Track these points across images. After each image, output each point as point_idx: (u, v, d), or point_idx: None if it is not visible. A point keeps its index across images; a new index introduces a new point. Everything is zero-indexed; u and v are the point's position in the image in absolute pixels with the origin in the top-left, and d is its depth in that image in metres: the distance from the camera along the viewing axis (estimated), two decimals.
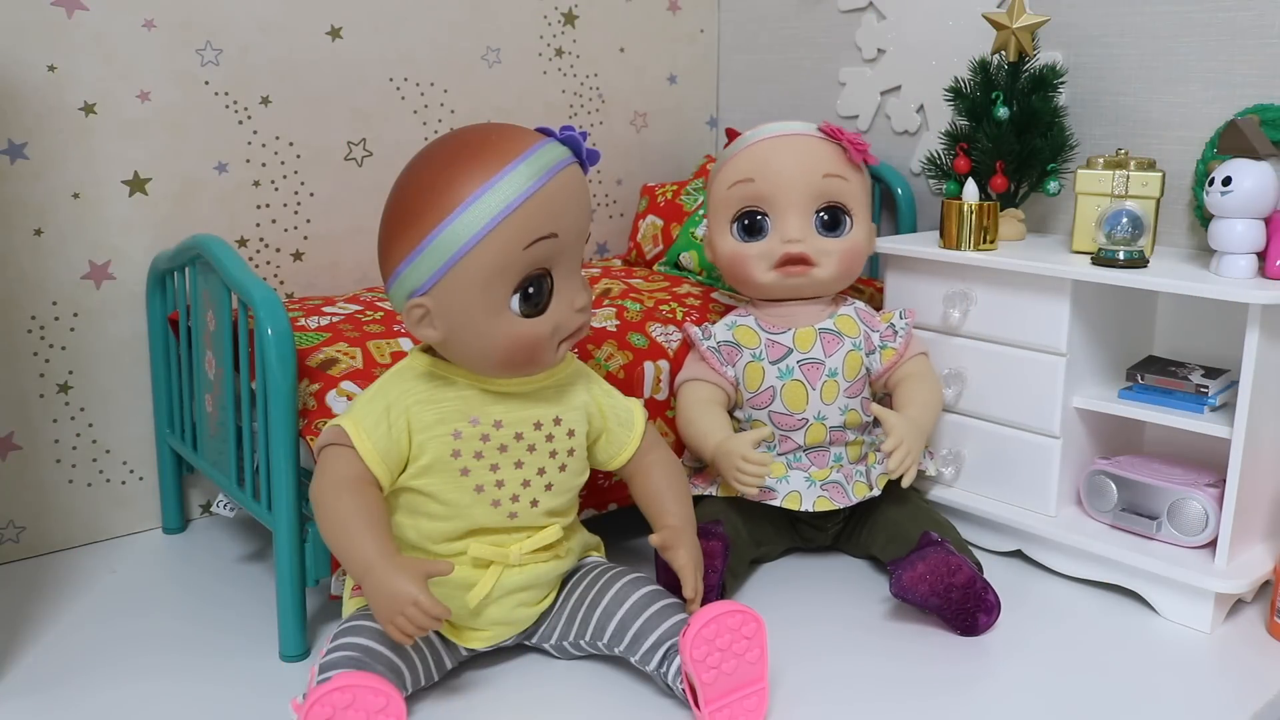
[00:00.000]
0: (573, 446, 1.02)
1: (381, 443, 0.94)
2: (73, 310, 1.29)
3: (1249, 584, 1.11)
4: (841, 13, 1.65)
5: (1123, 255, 1.16)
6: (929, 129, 1.57)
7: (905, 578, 1.08)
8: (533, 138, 0.95)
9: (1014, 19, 1.30)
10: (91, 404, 1.32)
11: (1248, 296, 1.05)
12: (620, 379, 1.22)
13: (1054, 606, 1.17)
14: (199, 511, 1.41)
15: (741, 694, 0.94)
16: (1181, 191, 1.32)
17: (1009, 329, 1.24)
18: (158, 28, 1.30)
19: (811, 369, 1.22)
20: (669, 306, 1.34)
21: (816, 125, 1.25)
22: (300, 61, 1.41)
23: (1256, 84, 1.24)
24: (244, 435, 1.13)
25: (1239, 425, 1.08)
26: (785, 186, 1.21)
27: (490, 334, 0.94)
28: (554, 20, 1.64)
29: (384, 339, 1.15)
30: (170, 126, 1.32)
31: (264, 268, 1.42)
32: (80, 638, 1.11)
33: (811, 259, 1.21)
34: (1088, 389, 1.22)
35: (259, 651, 1.07)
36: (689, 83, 1.82)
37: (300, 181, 1.43)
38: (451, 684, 1.01)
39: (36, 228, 1.26)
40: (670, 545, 1.03)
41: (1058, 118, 1.33)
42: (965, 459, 1.29)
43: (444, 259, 0.91)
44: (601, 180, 1.74)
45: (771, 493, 1.20)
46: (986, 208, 1.26)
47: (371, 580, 0.88)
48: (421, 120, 1.52)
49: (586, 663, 1.05)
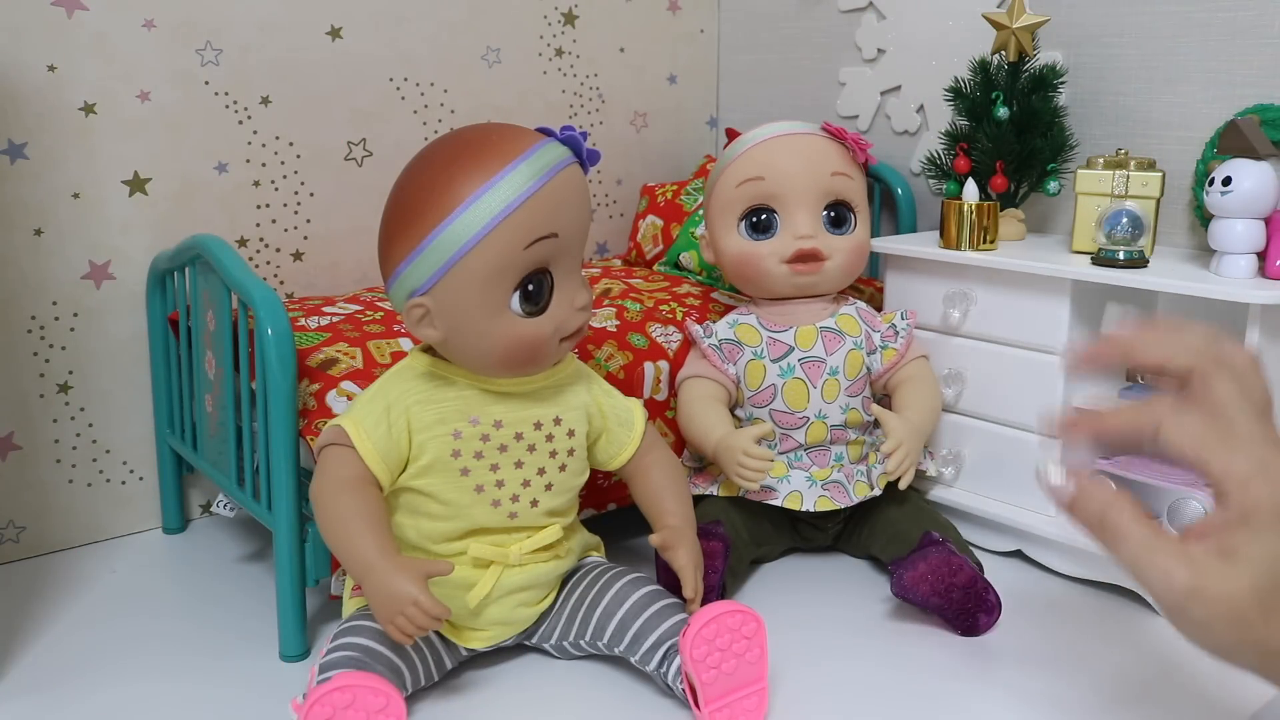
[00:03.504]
0: (573, 446, 1.03)
1: (381, 443, 0.94)
2: (73, 310, 1.29)
3: None
4: (841, 13, 1.65)
5: (1123, 255, 1.16)
6: (929, 129, 1.57)
7: (906, 577, 1.08)
8: (533, 138, 0.95)
9: (1014, 19, 1.30)
10: (91, 404, 1.32)
11: (1248, 296, 1.05)
12: (620, 379, 1.22)
13: (1054, 606, 1.17)
14: (199, 511, 1.41)
15: (741, 694, 0.94)
16: (1181, 191, 1.32)
17: (1009, 329, 1.24)
18: (158, 28, 1.30)
19: (813, 367, 1.22)
20: (669, 306, 1.34)
21: (818, 125, 1.26)
22: (300, 61, 1.41)
23: (1256, 84, 1.24)
24: (244, 435, 1.13)
25: None
26: (795, 184, 1.21)
27: (490, 334, 0.94)
28: (554, 20, 1.64)
29: (384, 339, 1.15)
30: (170, 126, 1.32)
31: (264, 268, 1.42)
32: (80, 638, 1.11)
33: (824, 254, 1.22)
34: (1088, 389, 1.22)
35: (259, 651, 1.07)
36: (689, 83, 1.82)
37: (300, 181, 1.43)
38: (451, 684, 1.01)
39: (36, 228, 1.26)
40: (670, 545, 1.03)
41: (1058, 118, 1.33)
42: (965, 459, 1.29)
43: (444, 259, 0.91)
44: (601, 180, 1.74)
45: (772, 492, 1.21)
46: (986, 208, 1.26)
47: (371, 580, 0.88)
48: (421, 120, 1.52)
49: (586, 663, 1.05)
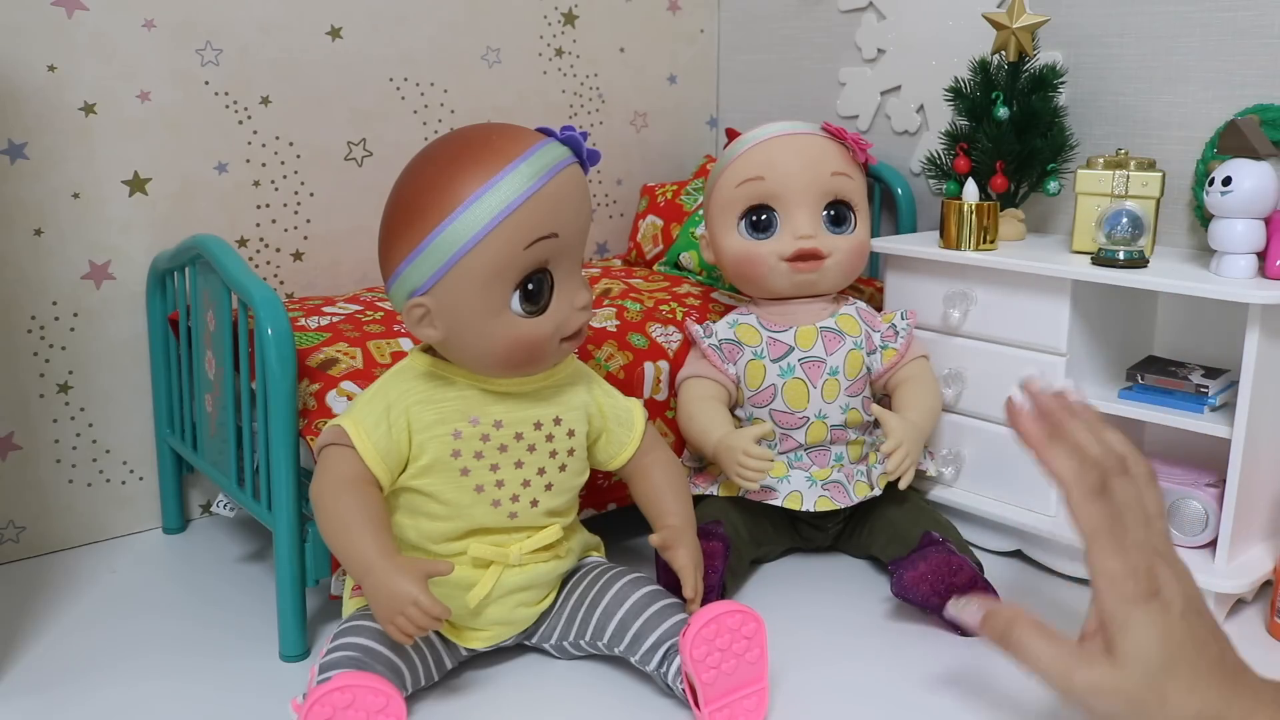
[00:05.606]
0: (573, 446, 1.03)
1: (382, 443, 0.94)
2: (73, 310, 1.29)
3: (1249, 584, 1.11)
4: (841, 13, 1.65)
5: (1123, 255, 1.16)
6: (929, 129, 1.57)
7: (906, 578, 1.08)
8: (533, 138, 0.95)
9: (1014, 19, 1.30)
10: (91, 404, 1.32)
11: (1248, 296, 1.05)
12: (620, 379, 1.22)
13: (1054, 606, 1.17)
14: (199, 511, 1.41)
15: (741, 694, 0.94)
16: (1181, 191, 1.32)
17: (1009, 329, 1.24)
18: (158, 28, 1.30)
19: (813, 367, 1.22)
20: (669, 307, 1.34)
21: (818, 125, 1.26)
22: (300, 61, 1.41)
23: (1256, 84, 1.24)
24: (244, 435, 1.13)
25: (1239, 425, 1.08)
26: (795, 184, 1.21)
27: (491, 334, 0.94)
28: (554, 20, 1.64)
29: (384, 339, 1.15)
30: (170, 126, 1.32)
31: (264, 268, 1.42)
32: (80, 638, 1.11)
33: (824, 253, 1.22)
34: (1088, 389, 1.22)
35: (259, 651, 1.07)
36: (689, 83, 1.82)
37: (300, 181, 1.43)
38: (451, 684, 1.01)
39: (36, 228, 1.26)
40: (670, 545, 1.03)
41: (1058, 118, 1.33)
42: (965, 459, 1.29)
43: (444, 258, 0.91)
44: (601, 180, 1.74)
45: (772, 492, 1.21)
46: (986, 208, 1.26)
47: (371, 580, 0.88)
48: (421, 120, 1.52)
49: (586, 663, 1.05)
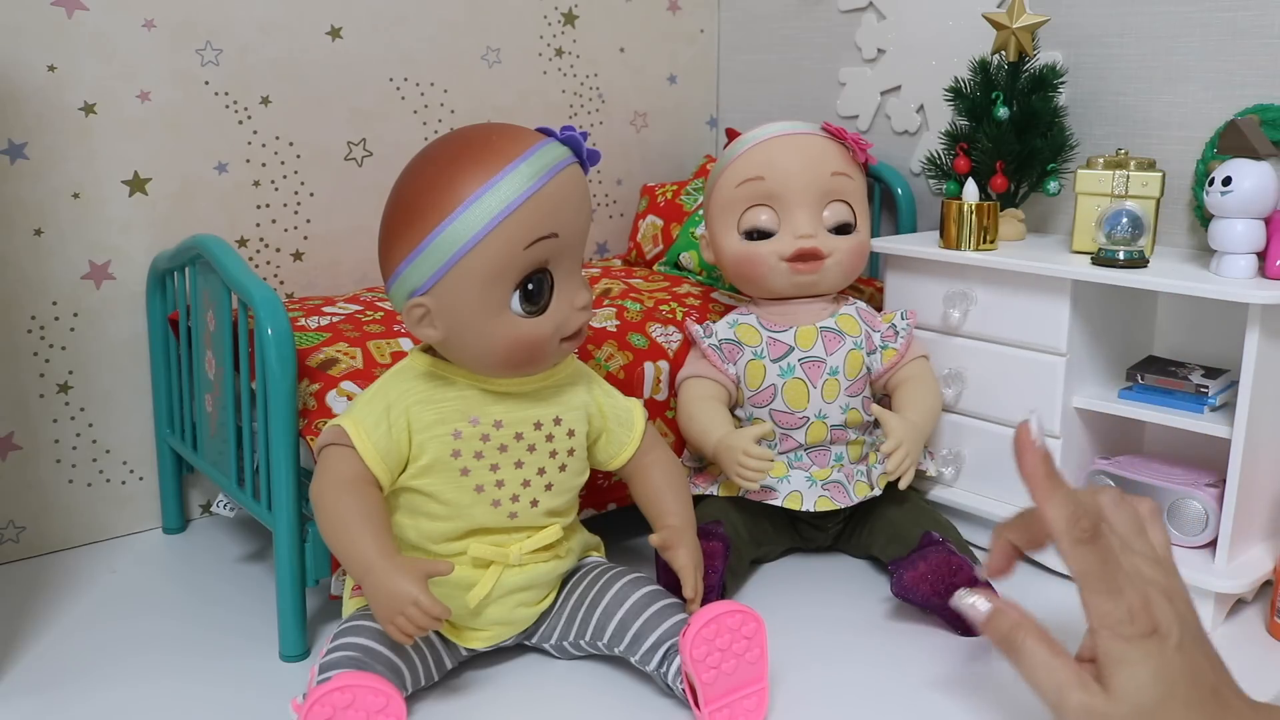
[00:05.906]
0: (573, 446, 1.03)
1: (382, 443, 0.94)
2: (73, 310, 1.29)
3: (1249, 584, 1.11)
4: (841, 13, 1.65)
5: (1123, 255, 1.16)
6: (929, 129, 1.57)
7: (906, 577, 1.08)
8: (533, 138, 0.95)
9: (1014, 19, 1.30)
10: (91, 404, 1.32)
11: (1248, 296, 1.05)
12: (620, 379, 1.22)
13: (1054, 606, 1.17)
14: (199, 511, 1.41)
15: (741, 694, 0.94)
16: (1181, 191, 1.32)
17: (1009, 329, 1.24)
18: (158, 28, 1.30)
19: (813, 367, 1.22)
20: (669, 307, 1.34)
21: (818, 125, 1.26)
22: (300, 61, 1.41)
23: (1256, 84, 1.24)
24: (244, 435, 1.13)
25: (1239, 425, 1.08)
26: (795, 184, 1.21)
27: (491, 334, 0.94)
28: (554, 20, 1.64)
29: (384, 339, 1.15)
30: (170, 126, 1.32)
31: (264, 268, 1.42)
32: (80, 638, 1.11)
33: (824, 253, 1.22)
34: (1088, 389, 1.22)
35: (259, 651, 1.07)
36: (689, 83, 1.82)
37: (300, 181, 1.43)
38: (451, 684, 1.01)
39: (36, 228, 1.26)
40: (670, 545, 1.03)
41: (1058, 118, 1.33)
42: (965, 459, 1.29)
43: (444, 258, 0.91)
44: (601, 180, 1.74)
45: (772, 492, 1.21)
46: (986, 208, 1.26)
47: (371, 580, 0.88)
48: (421, 120, 1.52)
49: (586, 663, 1.05)
